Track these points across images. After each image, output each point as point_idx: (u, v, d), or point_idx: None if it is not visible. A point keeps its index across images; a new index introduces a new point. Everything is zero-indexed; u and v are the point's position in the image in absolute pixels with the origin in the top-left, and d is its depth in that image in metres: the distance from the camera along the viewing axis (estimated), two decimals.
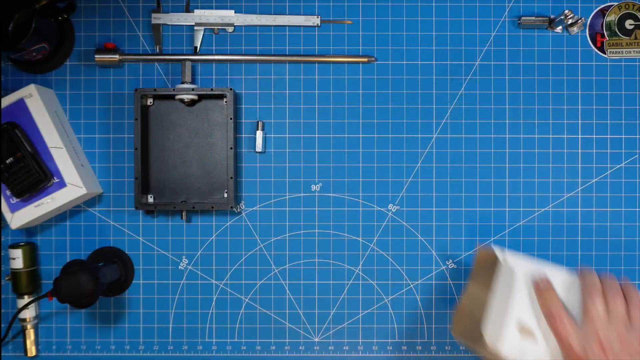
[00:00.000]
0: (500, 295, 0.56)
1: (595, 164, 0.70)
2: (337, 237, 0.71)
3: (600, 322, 0.51)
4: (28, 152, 0.64)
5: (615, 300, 0.52)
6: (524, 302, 0.55)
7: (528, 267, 0.57)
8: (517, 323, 0.54)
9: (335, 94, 0.71)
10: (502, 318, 0.54)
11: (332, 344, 0.71)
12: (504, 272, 0.57)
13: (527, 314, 0.54)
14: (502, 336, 0.53)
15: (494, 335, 0.54)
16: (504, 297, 0.55)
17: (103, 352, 0.71)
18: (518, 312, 0.54)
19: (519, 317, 0.54)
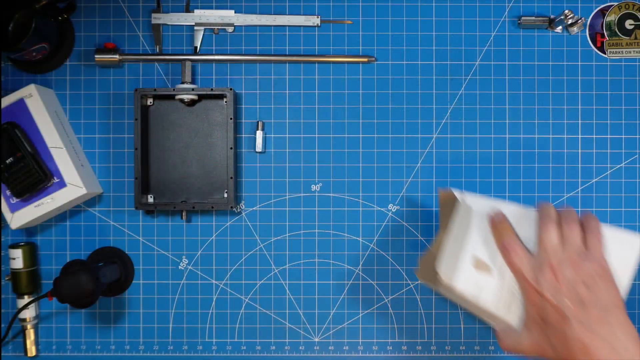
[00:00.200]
0: (456, 233, 0.55)
1: (595, 164, 0.70)
2: (337, 237, 0.71)
3: (553, 250, 0.50)
4: (28, 152, 0.64)
5: (570, 228, 0.51)
6: (480, 238, 0.55)
7: (486, 204, 0.56)
8: (472, 258, 0.54)
9: (335, 94, 0.71)
10: (457, 254, 0.54)
11: (332, 344, 0.71)
12: (461, 210, 0.57)
13: (483, 249, 0.54)
14: (457, 271, 0.53)
15: (449, 270, 0.53)
16: (460, 234, 0.55)
17: (103, 352, 0.71)
18: (474, 248, 0.54)
19: (474, 252, 0.54)
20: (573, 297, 0.48)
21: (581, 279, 0.49)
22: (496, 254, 0.54)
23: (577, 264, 0.49)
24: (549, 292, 0.49)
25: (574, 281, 0.49)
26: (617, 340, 0.46)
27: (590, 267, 0.49)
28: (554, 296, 0.49)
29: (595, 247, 0.51)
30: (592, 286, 0.48)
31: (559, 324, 0.48)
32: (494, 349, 0.71)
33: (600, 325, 0.47)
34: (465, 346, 0.71)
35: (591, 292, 0.48)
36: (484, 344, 0.71)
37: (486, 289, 0.53)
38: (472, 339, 0.71)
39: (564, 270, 0.49)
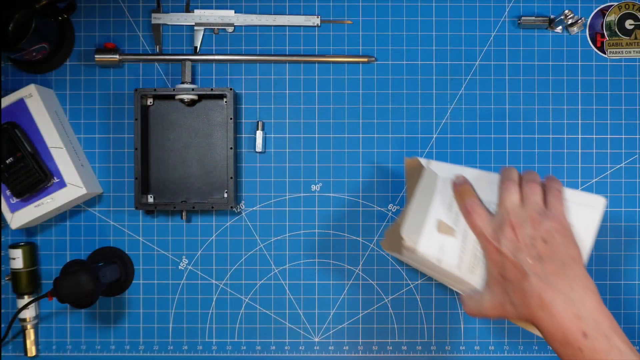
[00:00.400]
0: (420, 198, 0.56)
1: (595, 164, 0.70)
2: (337, 237, 0.71)
3: (514, 209, 0.51)
4: (28, 152, 0.64)
5: (530, 188, 0.52)
6: (444, 203, 0.55)
7: (450, 169, 0.57)
8: (436, 222, 0.54)
9: (335, 94, 0.71)
10: (421, 219, 0.55)
11: (332, 344, 0.71)
12: (426, 176, 0.57)
13: (447, 213, 0.55)
14: (421, 235, 0.54)
15: (413, 234, 0.54)
16: (424, 199, 0.56)
17: (103, 352, 0.71)
18: (437, 212, 0.55)
19: (438, 217, 0.54)
20: (532, 253, 0.49)
21: (540, 236, 0.49)
22: (459, 217, 0.54)
23: (536, 222, 0.50)
24: (509, 250, 0.49)
25: (533, 238, 0.49)
26: (574, 292, 0.47)
27: (550, 225, 0.49)
28: (513, 253, 0.49)
29: (555, 206, 0.51)
30: (551, 242, 0.49)
31: (518, 280, 0.49)
32: (494, 349, 0.71)
33: (557, 279, 0.47)
34: (465, 346, 0.71)
35: (549, 247, 0.49)
36: (484, 344, 0.71)
37: (449, 251, 0.54)
38: (472, 339, 0.71)
39: (523, 228, 0.50)
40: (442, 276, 0.56)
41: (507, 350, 0.71)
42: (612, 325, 0.46)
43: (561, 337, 0.47)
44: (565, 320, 0.46)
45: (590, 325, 0.46)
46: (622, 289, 0.70)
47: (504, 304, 0.51)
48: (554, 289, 0.47)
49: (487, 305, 0.52)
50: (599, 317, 0.46)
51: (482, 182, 0.55)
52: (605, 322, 0.46)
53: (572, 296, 0.47)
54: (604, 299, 0.69)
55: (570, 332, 0.46)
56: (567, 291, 0.47)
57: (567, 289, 0.47)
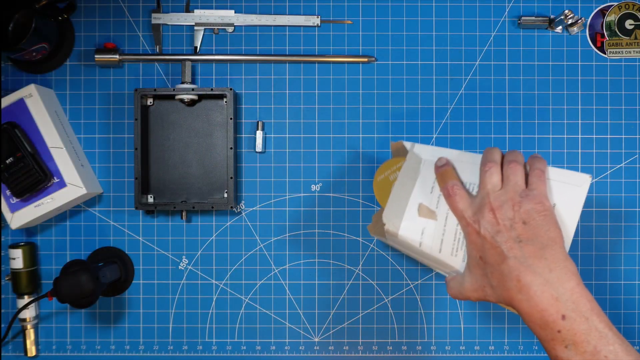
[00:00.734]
0: (403, 181, 0.56)
1: (595, 164, 0.70)
2: (337, 237, 0.71)
3: (494, 191, 0.50)
4: (28, 152, 0.64)
5: (511, 169, 0.51)
6: (426, 186, 0.55)
7: (433, 152, 0.57)
8: (417, 205, 0.54)
9: (335, 94, 0.71)
10: (403, 202, 0.55)
11: (332, 344, 0.71)
12: (410, 159, 0.57)
13: (429, 197, 0.55)
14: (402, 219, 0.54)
15: (395, 218, 0.54)
16: (407, 182, 0.56)
17: (103, 352, 0.71)
18: (419, 195, 0.55)
19: (420, 200, 0.54)
20: (511, 236, 0.48)
21: (520, 218, 0.49)
22: (441, 200, 0.54)
23: (517, 204, 0.49)
24: (489, 232, 0.49)
25: (513, 220, 0.49)
26: (552, 274, 0.46)
27: (530, 206, 0.49)
28: (492, 236, 0.49)
29: (537, 186, 0.51)
30: (530, 223, 0.48)
31: (497, 262, 0.48)
32: (494, 349, 0.71)
33: (536, 261, 0.47)
34: (465, 346, 0.71)
35: (529, 229, 0.48)
36: (483, 344, 0.71)
37: (430, 235, 0.53)
38: (472, 339, 0.71)
39: (503, 210, 0.49)
40: (425, 259, 0.56)
41: (507, 350, 0.71)
42: (592, 307, 0.45)
43: (539, 320, 0.46)
44: (543, 302, 0.46)
45: (569, 307, 0.45)
46: (622, 288, 0.70)
47: (484, 287, 0.50)
48: (532, 271, 0.47)
49: (468, 288, 0.52)
50: (578, 298, 0.46)
51: (465, 164, 0.55)
52: (585, 304, 0.45)
53: (550, 278, 0.46)
54: (603, 298, 0.70)
55: (548, 314, 0.46)
56: (545, 273, 0.46)
57: (545, 270, 0.47)
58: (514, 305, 0.48)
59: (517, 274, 0.47)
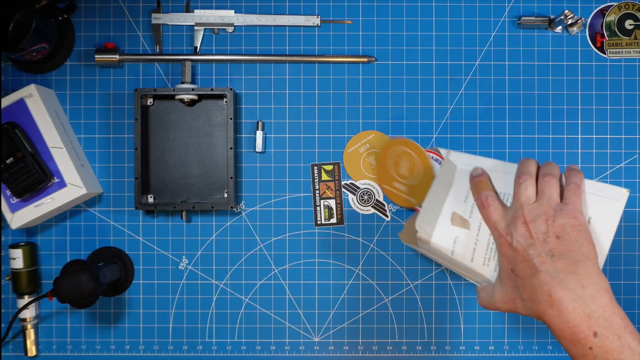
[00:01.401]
0: (438, 189, 0.56)
1: (595, 164, 0.71)
2: (337, 237, 0.71)
3: (528, 204, 0.50)
4: (28, 152, 0.64)
5: (546, 182, 0.51)
6: (460, 195, 0.55)
7: (470, 161, 0.57)
8: (450, 214, 0.54)
9: (335, 94, 0.71)
10: (437, 210, 0.55)
11: (332, 344, 0.71)
12: (445, 167, 0.57)
13: (463, 205, 0.55)
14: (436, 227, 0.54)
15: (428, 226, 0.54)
16: (441, 190, 0.56)
17: (103, 352, 0.71)
18: (453, 204, 0.55)
19: (453, 208, 0.54)
20: (544, 249, 0.48)
21: (553, 232, 0.48)
22: (475, 210, 0.54)
23: (550, 218, 0.49)
24: (521, 245, 0.49)
25: (546, 234, 0.48)
26: (584, 290, 0.46)
27: (564, 220, 0.48)
28: (525, 249, 0.48)
29: (572, 200, 0.50)
30: (564, 238, 0.48)
31: (528, 275, 0.48)
32: (494, 349, 0.71)
33: (568, 276, 0.47)
34: (465, 346, 0.71)
35: (562, 244, 0.48)
36: (483, 344, 0.71)
37: (462, 243, 0.53)
38: (472, 339, 0.71)
39: (537, 223, 0.49)
40: (456, 267, 0.56)
41: (507, 350, 0.71)
42: (625, 324, 0.45)
43: (570, 336, 0.46)
44: (574, 318, 0.45)
45: (601, 324, 0.45)
46: (622, 289, 0.70)
47: (514, 299, 0.50)
48: (564, 286, 0.46)
49: (498, 299, 0.52)
50: (611, 315, 0.45)
51: (500, 174, 0.55)
52: (617, 321, 0.45)
53: (582, 294, 0.46)
54: None
55: (579, 331, 0.45)
56: (577, 289, 0.46)
57: (577, 286, 0.46)
58: (545, 320, 0.48)
59: (549, 288, 0.47)
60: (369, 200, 0.70)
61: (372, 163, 0.69)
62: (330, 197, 0.70)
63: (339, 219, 0.70)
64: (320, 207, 0.70)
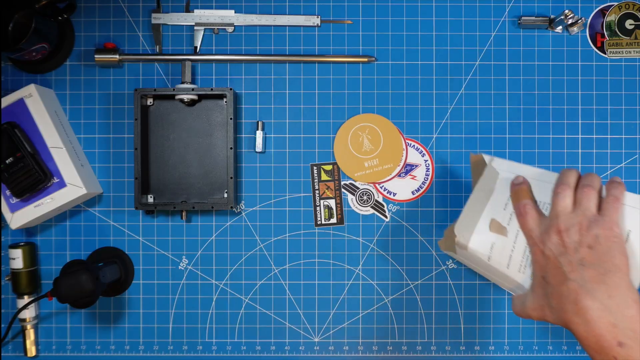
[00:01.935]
0: (478, 195, 0.56)
1: (595, 164, 0.70)
2: (337, 237, 0.71)
3: (564, 214, 0.50)
4: (28, 152, 0.64)
5: (584, 193, 0.51)
6: (500, 202, 0.55)
7: (512, 168, 0.57)
8: (490, 220, 0.55)
9: (335, 94, 0.71)
10: (476, 216, 0.55)
11: (332, 344, 0.71)
12: (487, 173, 0.57)
13: (502, 212, 0.55)
14: (474, 232, 0.54)
15: (466, 231, 0.54)
16: (482, 196, 0.56)
17: (103, 352, 0.71)
18: (493, 210, 0.55)
19: (492, 215, 0.55)
20: (575, 258, 0.48)
21: (587, 242, 0.48)
22: (513, 217, 0.54)
23: (585, 228, 0.49)
24: (553, 253, 0.49)
25: (579, 243, 0.49)
26: (612, 300, 0.46)
27: (598, 231, 0.49)
28: (556, 257, 0.49)
29: (609, 213, 0.50)
30: (596, 249, 0.48)
31: (557, 283, 0.49)
32: (494, 349, 0.71)
33: (595, 285, 0.47)
34: (465, 346, 0.71)
35: (594, 253, 0.48)
36: (483, 344, 0.71)
37: (499, 250, 0.54)
38: (472, 339, 0.71)
39: (570, 233, 0.49)
40: (492, 274, 0.56)
41: (507, 351, 0.71)
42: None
43: (595, 344, 0.46)
44: (600, 327, 0.46)
45: (627, 334, 0.45)
46: None
47: (544, 307, 0.50)
48: (591, 295, 0.46)
49: (529, 306, 0.52)
50: (638, 327, 0.45)
51: (541, 183, 0.55)
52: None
53: (610, 304, 0.46)
54: None
55: (604, 340, 0.45)
56: (604, 299, 0.46)
57: (604, 296, 0.46)
58: (571, 328, 0.48)
59: (576, 296, 0.47)
60: (368, 200, 0.70)
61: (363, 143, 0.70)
62: (330, 197, 0.70)
63: (339, 219, 0.70)
64: (320, 207, 0.70)
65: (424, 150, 0.70)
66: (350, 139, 0.70)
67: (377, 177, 0.70)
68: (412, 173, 0.70)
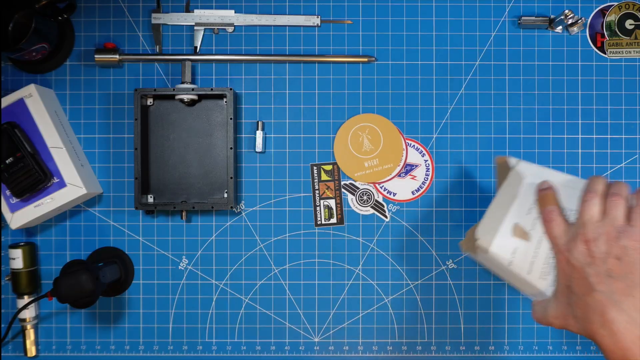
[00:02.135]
0: (502, 199, 0.55)
1: (595, 164, 0.70)
2: (337, 237, 0.71)
3: (591, 223, 0.50)
4: (28, 152, 0.64)
5: (612, 202, 0.50)
6: (524, 206, 0.54)
7: (538, 173, 0.56)
8: (513, 224, 0.54)
9: (335, 94, 0.71)
10: (499, 220, 0.54)
11: (332, 344, 0.71)
12: (512, 176, 0.56)
13: (525, 217, 0.54)
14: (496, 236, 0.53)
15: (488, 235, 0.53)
16: (506, 200, 0.55)
17: (103, 352, 0.71)
18: (516, 215, 0.54)
19: (516, 219, 0.54)
20: (602, 269, 0.47)
21: (614, 253, 0.48)
22: (537, 223, 0.54)
23: (612, 238, 0.48)
24: (579, 263, 0.48)
25: (607, 254, 0.48)
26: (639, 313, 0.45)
27: (627, 242, 0.48)
28: (582, 267, 0.48)
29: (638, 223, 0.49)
30: (624, 260, 0.47)
31: (583, 293, 0.48)
32: (494, 349, 0.71)
33: (623, 297, 0.46)
34: (465, 346, 0.71)
35: (622, 265, 0.47)
36: (483, 344, 0.71)
37: (521, 255, 0.53)
38: (472, 339, 0.71)
39: (598, 243, 0.48)
40: (512, 279, 0.55)
41: (507, 351, 0.71)
42: None
43: (621, 357, 0.46)
44: (626, 340, 0.45)
45: None
46: None
47: (567, 316, 0.50)
48: (618, 307, 0.46)
49: (551, 314, 0.51)
50: None
51: (568, 189, 0.54)
52: None
53: (637, 317, 0.45)
54: None
55: (631, 353, 0.45)
56: (631, 311, 0.46)
57: (632, 309, 0.46)
58: (596, 340, 0.47)
59: (602, 308, 0.46)
60: (368, 200, 0.70)
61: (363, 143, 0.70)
62: (330, 197, 0.70)
63: (339, 219, 0.70)
64: (320, 207, 0.70)
65: (424, 150, 0.70)
66: (350, 139, 0.70)
67: (377, 177, 0.70)
68: (412, 173, 0.70)
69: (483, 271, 0.71)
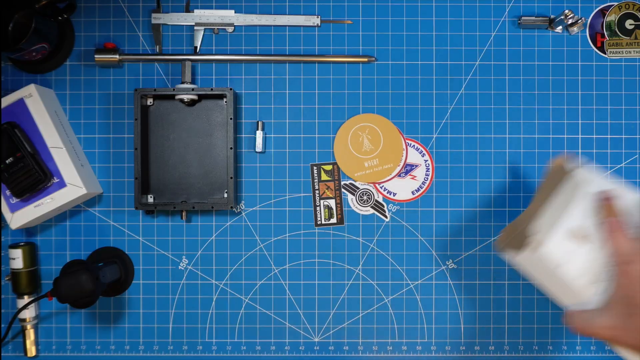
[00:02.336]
0: (560, 202, 0.54)
1: (596, 164, 0.70)
2: (337, 237, 0.71)
3: None
4: (28, 152, 0.64)
5: None
6: (582, 212, 0.53)
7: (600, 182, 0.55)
8: (568, 228, 0.53)
9: (335, 94, 0.71)
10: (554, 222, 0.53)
11: (332, 344, 0.71)
12: (572, 181, 0.55)
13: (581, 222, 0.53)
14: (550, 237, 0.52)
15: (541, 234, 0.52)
16: (563, 204, 0.54)
17: (103, 352, 0.71)
18: (573, 219, 0.53)
19: (572, 223, 0.53)
20: None
21: None
22: (592, 231, 0.53)
23: None
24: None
25: None
26: None
27: None
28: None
29: None
30: None
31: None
32: (494, 349, 0.71)
33: None
34: (465, 346, 0.71)
35: None
36: (483, 344, 0.71)
37: (572, 260, 0.52)
38: (472, 339, 0.71)
39: None
40: (552, 284, 0.54)
41: (507, 350, 0.71)
42: None
43: None
44: None
45: None
46: None
47: (618, 328, 0.49)
48: None
49: (600, 324, 0.50)
50: None
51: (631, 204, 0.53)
52: None
53: None
54: None
55: None
56: None
57: None
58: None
59: None
60: (368, 200, 0.70)
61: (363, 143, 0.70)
62: (330, 197, 0.70)
63: (339, 219, 0.70)
64: (320, 207, 0.70)
65: (424, 150, 0.70)
66: (350, 139, 0.70)
67: (377, 177, 0.70)
68: (412, 173, 0.70)
69: (483, 271, 0.71)
